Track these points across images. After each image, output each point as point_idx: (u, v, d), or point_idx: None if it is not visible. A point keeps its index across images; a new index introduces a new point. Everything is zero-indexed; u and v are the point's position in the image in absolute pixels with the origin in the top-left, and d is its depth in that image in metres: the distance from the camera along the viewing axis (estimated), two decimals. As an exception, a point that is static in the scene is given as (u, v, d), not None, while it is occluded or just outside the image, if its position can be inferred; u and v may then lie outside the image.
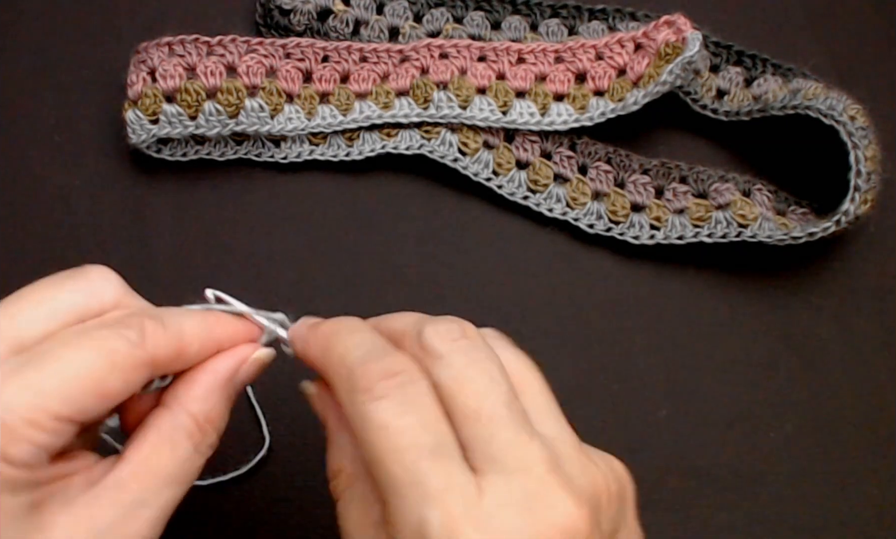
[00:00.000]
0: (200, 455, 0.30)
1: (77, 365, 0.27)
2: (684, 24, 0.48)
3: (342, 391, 0.29)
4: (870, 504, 0.45)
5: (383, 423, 0.27)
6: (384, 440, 0.27)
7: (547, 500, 0.26)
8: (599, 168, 0.49)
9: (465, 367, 0.28)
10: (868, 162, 0.45)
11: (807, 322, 0.48)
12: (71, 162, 0.48)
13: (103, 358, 0.28)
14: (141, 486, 0.29)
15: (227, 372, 0.31)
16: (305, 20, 0.50)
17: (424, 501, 0.26)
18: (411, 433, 0.27)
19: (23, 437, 0.27)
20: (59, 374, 0.27)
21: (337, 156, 0.48)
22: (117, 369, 0.28)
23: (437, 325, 0.30)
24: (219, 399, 0.31)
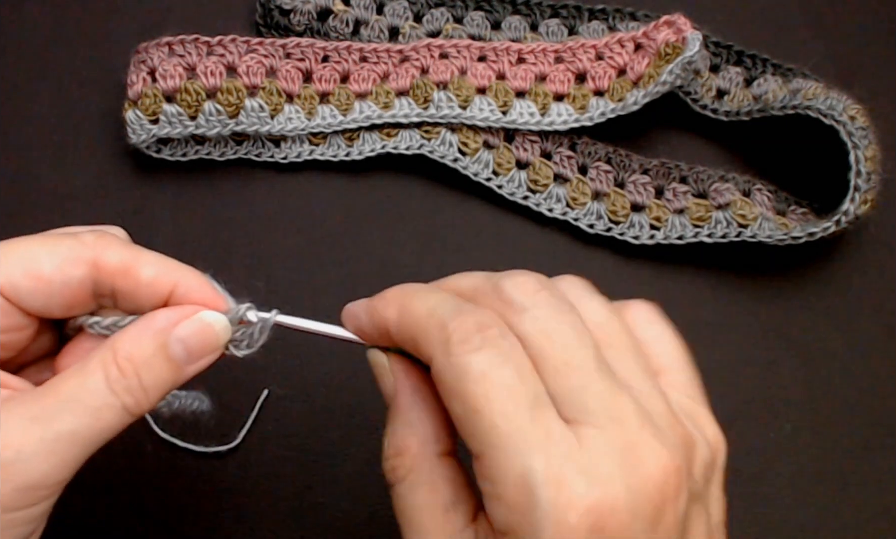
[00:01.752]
0: (113, 395, 0.29)
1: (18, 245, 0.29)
2: (684, 24, 0.48)
3: (435, 345, 0.28)
4: (870, 504, 0.45)
5: (483, 373, 0.27)
6: (485, 391, 0.26)
7: (641, 451, 0.26)
8: (599, 168, 0.49)
9: (550, 319, 0.28)
10: (868, 162, 0.45)
11: (807, 322, 0.48)
12: (71, 162, 0.48)
13: (44, 244, 0.29)
14: (38, 402, 0.28)
15: (164, 320, 0.30)
16: (305, 20, 0.50)
17: (528, 451, 0.26)
18: (511, 384, 0.27)
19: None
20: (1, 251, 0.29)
21: (337, 156, 0.48)
22: (56, 256, 0.29)
23: (515, 278, 0.29)
24: (148, 344, 0.30)
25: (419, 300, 0.29)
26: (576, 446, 0.26)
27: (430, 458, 0.29)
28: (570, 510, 0.25)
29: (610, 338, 0.29)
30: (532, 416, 0.26)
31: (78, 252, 0.29)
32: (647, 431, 0.27)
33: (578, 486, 0.25)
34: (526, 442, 0.26)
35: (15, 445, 0.27)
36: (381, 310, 0.30)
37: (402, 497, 0.30)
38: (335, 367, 0.45)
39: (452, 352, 0.27)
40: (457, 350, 0.27)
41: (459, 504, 0.29)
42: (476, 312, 0.28)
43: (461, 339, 0.27)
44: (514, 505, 0.26)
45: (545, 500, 0.25)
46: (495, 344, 0.27)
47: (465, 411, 0.27)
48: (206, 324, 0.31)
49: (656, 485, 0.26)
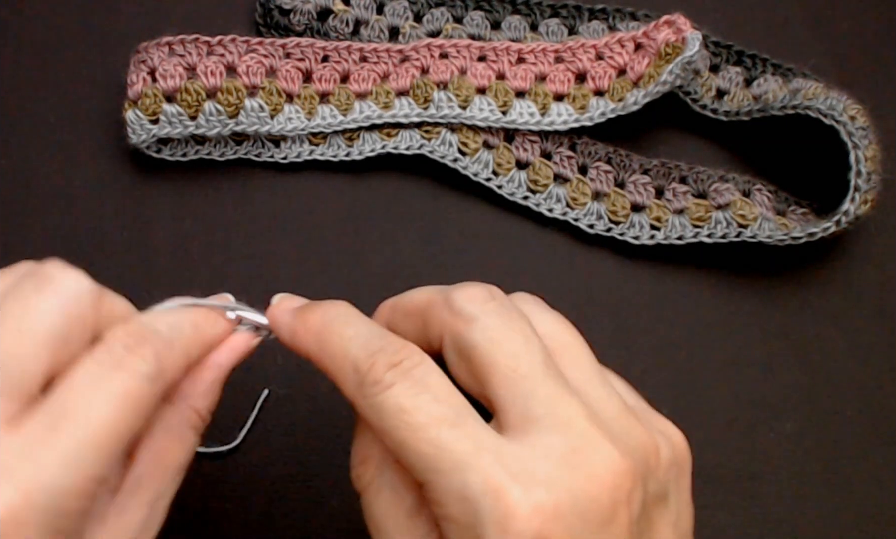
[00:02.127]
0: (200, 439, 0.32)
1: (103, 421, 0.26)
2: (684, 24, 0.48)
3: (349, 387, 0.29)
4: (870, 504, 0.45)
5: (399, 407, 0.27)
6: (404, 423, 0.27)
7: (589, 451, 0.26)
8: (599, 168, 0.49)
9: (499, 328, 0.28)
10: (868, 162, 0.45)
11: (807, 322, 0.48)
12: (71, 162, 0.48)
13: (128, 406, 0.27)
14: (158, 482, 0.30)
15: (228, 366, 0.32)
16: (305, 20, 0.50)
17: (460, 468, 0.26)
18: (428, 409, 0.27)
19: (68, 510, 0.26)
20: (90, 436, 0.26)
21: (337, 156, 0.48)
22: (141, 411, 0.28)
23: (465, 291, 0.30)
24: (218, 390, 0.32)
25: (335, 335, 0.30)
26: (510, 453, 0.26)
27: (391, 464, 0.30)
28: (511, 518, 0.25)
29: (563, 347, 0.30)
30: (457, 435, 0.27)
31: (156, 394, 0.29)
32: (596, 433, 0.27)
33: (515, 493, 0.25)
34: (457, 459, 0.26)
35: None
36: (300, 337, 0.31)
37: (369, 504, 0.30)
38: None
39: (366, 394, 0.28)
40: (370, 392, 0.28)
41: (423, 509, 0.29)
42: (388, 346, 0.29)
43: (373, 378, 0.28)
44: (462, 523, 0.26)
45: (486, 512, 0.25)
46: (408, 375, 0.28)
47: (394, 446, 0.27)
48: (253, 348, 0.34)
49: (604, 486, 0.26)
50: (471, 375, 0.29)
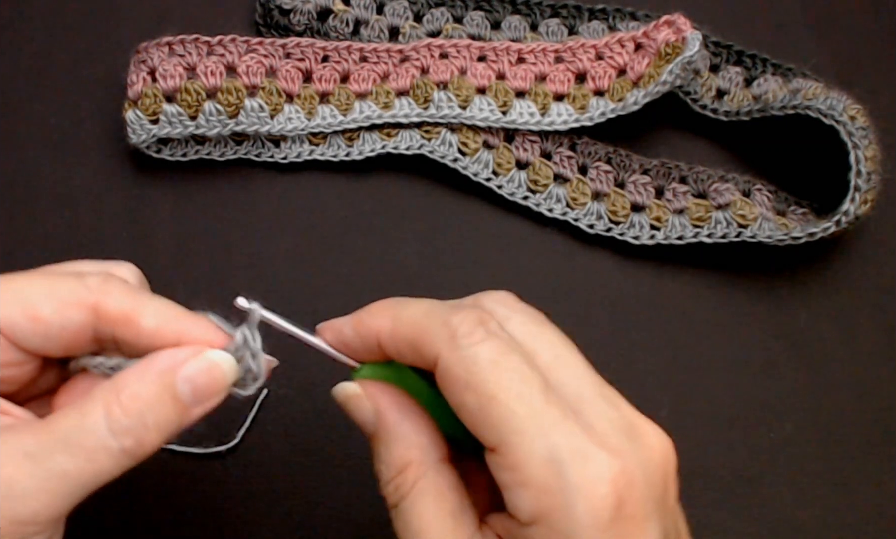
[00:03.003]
0: (112, 436, 0.28)
1: (17, 284, 0.29)
2: (684, 24, 0.48)
3: (440, 341, 0.28)
4: (870, 504, 0.45)
5: (494, 361, 0.27)
6: (499, 378, 0.27)
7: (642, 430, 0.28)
8: (599, 168, 0.49)
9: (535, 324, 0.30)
10: (868, 162, 0.45)
11: (807, 322, 0.48)
12: (71, 162, 0.48)
13: (45, 285, 0.29)
14: (34, 437, 0.28)
15: (171, 360, 0.29)
16: (305, 20, 0.50)
17: (550, 430, 0.27)
18: (522, 370, 0.28)
19: None
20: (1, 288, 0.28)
21: (337, 156, 0.48)
22: (54, 298, 0.29)
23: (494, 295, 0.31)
24: (153, 383, 0.29)
25: (411, 306, 0.30)
26: (588, 424, 0.27)
27: (433, 464, 0.30)
28: (598, 482, 0.26)
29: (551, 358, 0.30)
30: (546, 399, 0.27)
31: (78, 295, 0.29)
32: (639, 415, 0.29)
33: (602, 458, 0.26)
34: (546, 423, 0.27)
35: (5, 479, 0.27)
36: (369, 321, 0.31)
37: (407, 511, 0.29)
38: (336, 367, 0.45)
39: (460, 345, 0.28)
40: (464, 342, 0.28)
41: (467, 511, 0.29)
42: (471, 309, 0.29)
43: (466, 332, 0.28)
44: (543, 486, 0.26)
45: (574, 475, 0.26)
46: (498, 335, 0.28)
47: (480, 401, 0.27)
48: (214, 363, 0.30)
49: (659, 462, 0.28)
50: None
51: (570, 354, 0.30)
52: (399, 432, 0.30)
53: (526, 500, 0.27)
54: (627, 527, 0.26)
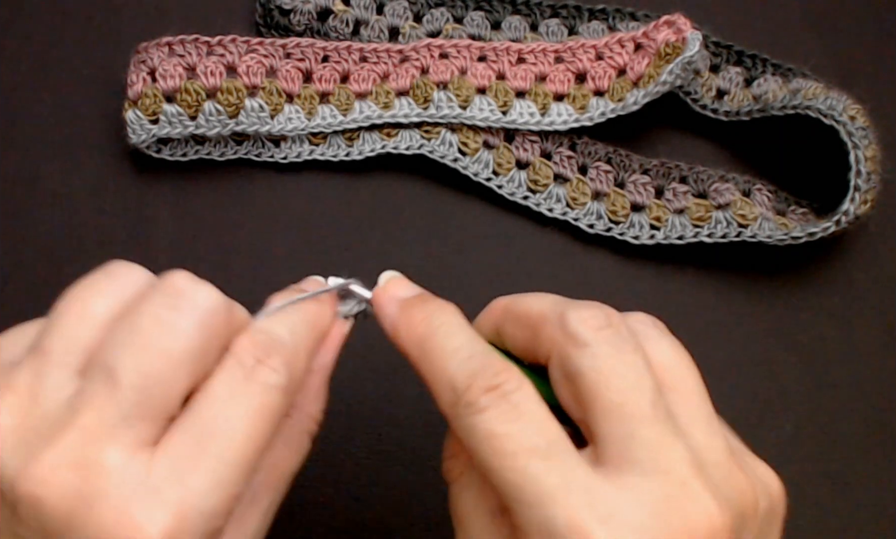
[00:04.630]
0: (311, 439, 0.32)
1: (244, 438, 0.26)
2: (684, 24, 0.48)
3: (444, 402, 0.28)
4: (870, 504, 0.45)
5: (490, 432, 0.27)
6: (493, 449, 0.26)
7: (686, 502, 0.26)
8: (599, 168, 0.49)
9: (610, 358, 0.28)
10: (868, 162, 0.45)
11: (807, 322, 0.48)
12: (71, 162, 0.48)
13: (265, 421, 0.27)
14: (275, 491, 0.30)
15: (330, 366, 0.32)
16: (305, 20, 0.50)
17: (545, 503, 0.25)
18: (519, 438, 0.26)
19: (216, 530, 0.26)
20: (234, 455, 0.26)
21: (337, 156, 0.48)
22: (275, 423, 0.28)
23: (580, 312, 0.29)
24: (326, 391, 0.32)
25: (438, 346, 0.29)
26: (601, 493, 0.26)
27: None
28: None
29: (675, 380, 0.29)
30: (547, 467, 0.26)
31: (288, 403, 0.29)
32: (697, 482, 0.26)
33: (600, 535, 0.25)
34: (543, 493, 0.26)
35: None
36: (402, 335, 0.31)
37: (455, 496, 0.30)
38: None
39: (459, 414, 0.28)
40: (463, 412, 0.27)
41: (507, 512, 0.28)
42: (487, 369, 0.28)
43: (467, 401, 0.27)
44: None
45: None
46: (504, 400, 0.27)
47: (482, 469, 0.27)
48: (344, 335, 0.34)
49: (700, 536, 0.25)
50: (574, 400, 0.28)
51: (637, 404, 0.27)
52: None
53: None
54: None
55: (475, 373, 0.28)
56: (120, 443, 0.25)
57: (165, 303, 0.27)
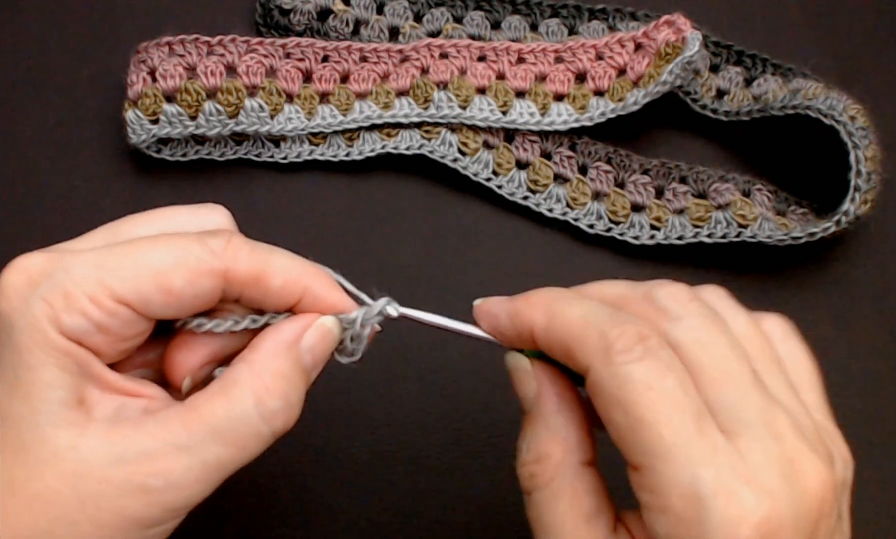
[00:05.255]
0: (262, 420, 0.29)
1: (146, 254, 0.28)
2: (684, 24, 0.48)
3: (594, 353, 0.27)
4: (870, 504, 0.45)
5: (647, 383, 0.26)
6: (650, 401, 0.26)
7: (802, 465, 0.26)
8: (599, 168, 0.49)
9: (706, 329, 0.28)
10: (868, 162, 0.45)
11: (807, 322, 0.48)
12: (71, 162, 0.48)
13: (173, 253, 0.28)
14: (186, 429, 0.28)
15: (291, 333, 0.30)
16: (305, 20, 0.50)
17: (697, 462, 0.25)
18: (676, 395, 0.26)
19: (79, 308, 0.27)
20: (127, 259, 0.28)
21: (337, 156, 0.48)
22: (185, 268, 0.28)
23: (666, 288, 0.29)
24: (287, 360, 0.30)
25: (571, 306, 0.29)
26: (740, 459, 0.26)
27: (573, 466, 0.29)
28: (742, 523, 0.25)
29: (756, 351, 0.29)
30: (698, 428, 0.26)
31: (208, 264, 0.29)
32: (804, 445, 0.27)
33: (749, 499, 0.25)
34: (694, 453, 0.26)
35: (164, 473, 0.27)
36: (525, 313, 0.30)
37: (541, 504, 0.29)
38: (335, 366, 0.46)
39: (614, 361, 0.27)
40: (619, 359, 0.27)
41: (601, 514, 0.28)
42: (634, 322, 0.28)
43: (623, 347, 0.27)
44: (681, 517, 0.26)
45: (717, 513, 0.25)
46: (656, 354, 0.27)
47: (628, 421, 0.27)
48: (328, 330, 0.31)
49: (815, 499, 0.26)
50: None
51: (741, 370, 0.28)
52: (551, 422, 0.30)
53: (662, 526, 0.26)
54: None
55: (624, 322, 0.27)
56: None
57: None
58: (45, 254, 0.29)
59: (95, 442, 0.27)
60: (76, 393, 0.27)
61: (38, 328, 0.27)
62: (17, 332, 0.27)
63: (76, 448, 0.27)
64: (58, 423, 0.27)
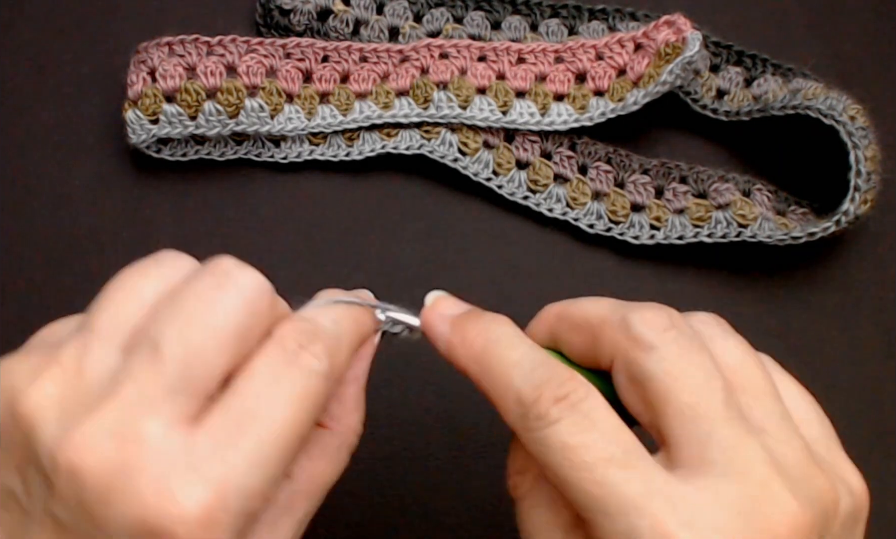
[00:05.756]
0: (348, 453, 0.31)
1: (284, 421, 0.26)
2: (684, 24, 0.48)
3: (511, 416, 0.28)
4: (870, 504, 0.45)
5: (564, 444, 0.26)
6: (569, 461, 0.26)
7: (767, 502, 0.25)
8: (599, 168, 0.49)
9: (678, 360, 0.27)
10: (868, 162, 0.45)
11: (807, 322, 0.48)
12: (71, 162, 0.48)
13: (305, 406, 0.26)
14: (311, 502, 0.30)
15: (365, 376, 0.32)
16: (305, 20, 0.50)
17: (627, 511, 0.25)
18: (595, 448, 0.26)
19: (253, 512, 0.26)
20: (274, 436, 0.25)
21: (337, 156, 0.48)
22: (316, 411, 0.27)
23: (643, 313, 0.28)
24: (364, 402, 0.32)
25: (498, 358, 0.29)
26: (682, 497, 0.25)
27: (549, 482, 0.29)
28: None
29: (745, 380, 0.28)
30: (625, 475, 0.25)
31: (329, 392, 0.29)
32: (776, 482, 0.25)
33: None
34: (625, 502, 0.25)
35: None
36: (458, 354, 0.30)
37: (524, 514, 0.30)
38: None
39: (530, 427, 0.27)
40: (534, 425, 0.27)
41: (579, 527, 0.28)
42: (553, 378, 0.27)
43: (537, 414, 0.27)
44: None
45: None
46: (574, 410, 0.26)
47: (558, 483, 0.27)
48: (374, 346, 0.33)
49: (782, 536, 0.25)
50: (643, 404, 0.28)
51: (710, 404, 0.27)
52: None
53: None
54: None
55: (541, 383, 0.27)
56: (161, 416, 0.24)
57: (212, 282, 0.27)
58: None
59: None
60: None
61: None
62: None
63: None
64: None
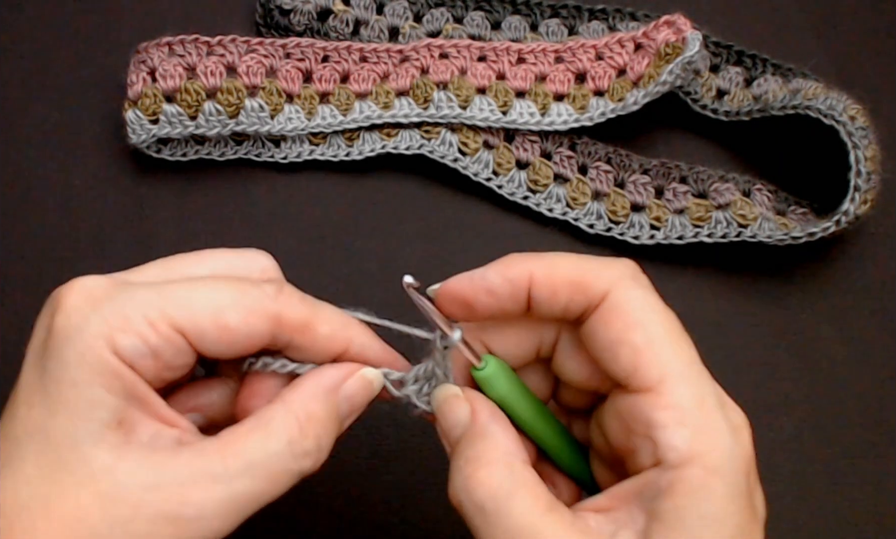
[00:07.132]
0: (293, 457, 0.29)
1: (206, 291, 0.29)
2: (684, 24, 0.48)
3: (616, 277, 0.30)
4: (870, 504, 0.45)
5: (663, 306, 0.31)
6: (667, 322, 0.30)
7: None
8: (599, 168, 0.49)
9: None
10: (868, 162, 0.45)
11: (807, 322, 0.48)
12: (71, 162, 0.48)
13: (231, 293, 0.29)
14: (222, 460, 0.28)
15: (331, 379, 0.31)
16: (305, 20, 0.50)
17: (705, 378, 0.30)
18: (677, 323, 0.31)
19: (136, 330, 0.28)
20: (187, 291, 0.29)
21: (337, 156, 0.48)
22: (241, 306, 0.29)
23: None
24: (324, 404, 0.31)
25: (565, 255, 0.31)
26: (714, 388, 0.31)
27: (520, 466, 0.30)
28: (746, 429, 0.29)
29: None
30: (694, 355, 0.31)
31: (263, 305, 0.30)
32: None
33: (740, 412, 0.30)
34: (701, 371, 0.30)
35: (197, 504, 0.27)
36: (518, 264, 0.32)
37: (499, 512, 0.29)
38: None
39: (641, 283, 0.30)
40: (644, 281, 0.30)
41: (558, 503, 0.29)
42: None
43: (638, 274, 0.30)
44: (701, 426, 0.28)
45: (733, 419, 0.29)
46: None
47: (648, 338, 0.29)
48: (368, 381, 0.32)
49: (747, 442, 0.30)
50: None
51: None
52: (485, 433, 0.31)
53: (683, 440, 0.28)
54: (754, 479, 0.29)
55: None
56: None
57: None
58: (108, 278, 0.29)
59: (132, 466, 0.27)
60: (118, 415, 0.28)
61: (92, 346, 0.27)
62: (70, 348, 0.27)
63: (112, 470, 0.27)
64: (98, 442, 0.27)
